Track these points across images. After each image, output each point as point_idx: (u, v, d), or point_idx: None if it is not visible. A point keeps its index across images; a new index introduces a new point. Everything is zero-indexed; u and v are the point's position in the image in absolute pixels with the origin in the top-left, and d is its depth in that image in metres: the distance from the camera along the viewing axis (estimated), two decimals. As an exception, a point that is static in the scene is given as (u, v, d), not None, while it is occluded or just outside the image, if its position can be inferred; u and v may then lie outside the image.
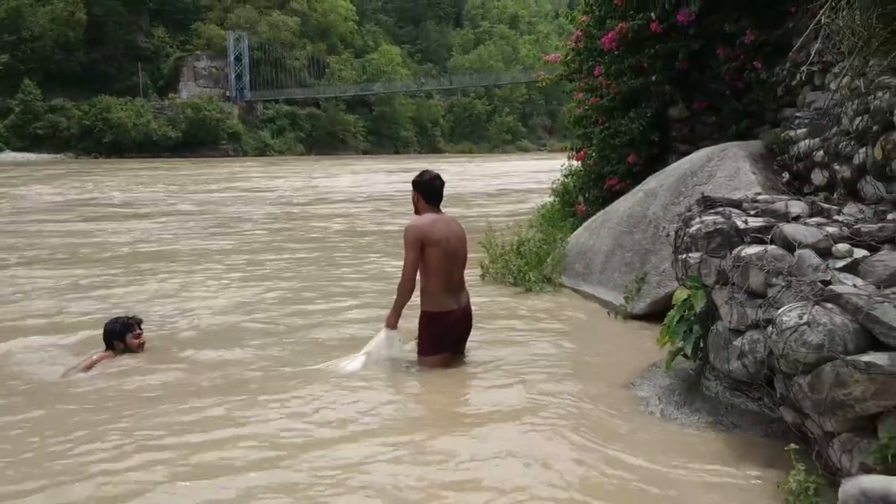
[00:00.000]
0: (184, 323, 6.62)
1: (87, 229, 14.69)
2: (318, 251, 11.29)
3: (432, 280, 4.96)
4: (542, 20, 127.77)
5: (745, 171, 6.20)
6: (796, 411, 3.07)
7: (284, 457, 3.54)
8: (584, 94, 10.49)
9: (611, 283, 6.83)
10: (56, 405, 4.46)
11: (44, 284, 8.46)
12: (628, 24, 8.53)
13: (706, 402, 3.98)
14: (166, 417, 4.10)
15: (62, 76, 78.38)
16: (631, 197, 7.52)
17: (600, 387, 4.50)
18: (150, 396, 4.56)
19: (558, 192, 12.43)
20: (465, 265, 5.26)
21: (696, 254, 4.06)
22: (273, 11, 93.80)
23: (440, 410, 4.29)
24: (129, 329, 5.53)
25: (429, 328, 5.04)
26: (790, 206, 4.07)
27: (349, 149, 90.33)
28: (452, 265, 5.03)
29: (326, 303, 7.33)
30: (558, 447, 3.59)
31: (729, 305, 3.58)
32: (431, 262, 4.93)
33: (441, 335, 5.05)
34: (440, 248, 4.94)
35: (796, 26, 7.22)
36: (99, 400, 4.53)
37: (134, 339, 5.53)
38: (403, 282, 4.96)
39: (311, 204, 21.24)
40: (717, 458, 3.43)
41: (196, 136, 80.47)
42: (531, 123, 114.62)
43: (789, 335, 2.86)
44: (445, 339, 5.08)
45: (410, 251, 4.92)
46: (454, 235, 5.08)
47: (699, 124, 8.61)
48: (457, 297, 5.09)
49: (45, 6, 78.66)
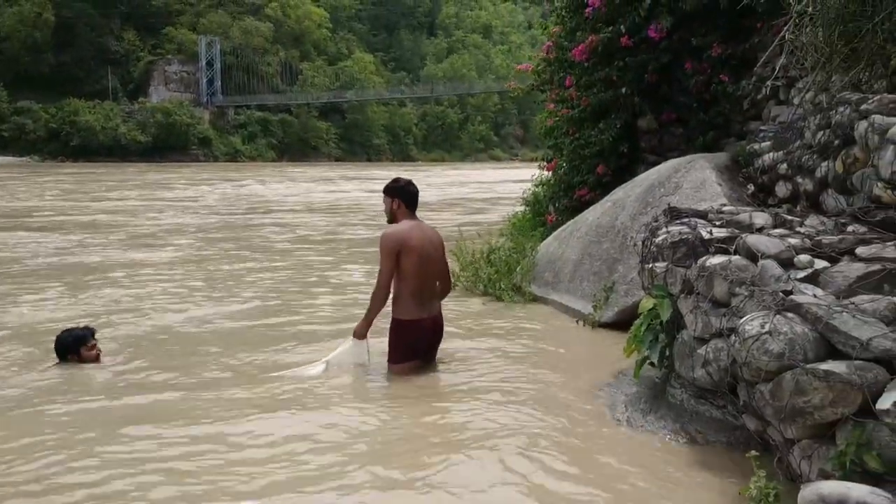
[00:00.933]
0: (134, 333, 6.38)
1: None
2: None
3: (405, 287, 4.94)
4: (516, 31, 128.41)
5: (711, 182, 6.30)
6: (758, 418, 3.12)
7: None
8: (555, 105, 10.58)
9: (579, 291, 6.89)
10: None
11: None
12: (598, 37, 8.63)
13: (671, 410, 4.03)
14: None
15: (30, 78, 77.11)
16: (599, 207, 7.59)
17: (567, 394, 4.54)
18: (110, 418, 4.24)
19: (529, 202, 12.51)
20: (445, 274, 5.27)
21: (662, 263, 4.12)
22: (246, 17, 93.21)
23: (405, 425, 4.22)
24: (82, 341, 5.31)
25: (399, 336, 5.02)
26: (754, 217, 4.14)
27: (321, 156, 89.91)
28: (427, 273, 5.03)
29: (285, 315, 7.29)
30: (521, 456, 3.60)
31: (694, 314, 3.63)
32: (406, 268, 4.91)
33: (411, 344, 5.04)
34: (415, 255, 4.92)
35: (762, 41, 7.38)
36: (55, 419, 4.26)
37: (88, 351, 5.31)
38: (377, 290, 4.91)
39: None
40: (681, 465, 3.47)
41: (166, 141, 79.57)
42: (503, 133, 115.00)
43: (751, 344, 2.91)
44: (416, 348, 5.08)
45: (387, 259, 4.88)
46: (430, 243, 5.09)
47: (667, 136, 8.74)
48: (428, 305, 5.08)
49: (12, 6, 77.44)
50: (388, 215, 5.19)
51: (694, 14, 7.90)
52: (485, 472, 3.42)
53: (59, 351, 5.31)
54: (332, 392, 4.71)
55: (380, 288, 4.91)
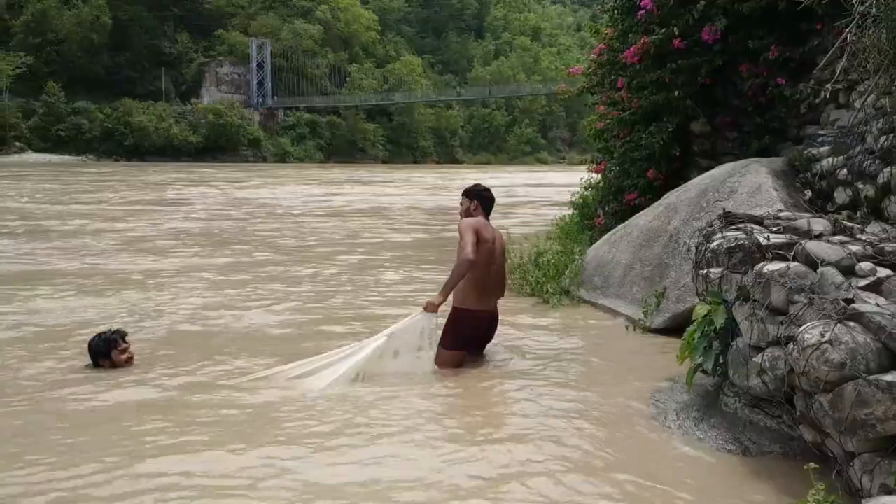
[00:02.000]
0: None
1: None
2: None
3: (471, 276, 5.07)
4: (564, 33, 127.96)
5: (767, 187, 6.18)
6: (816, 430, 3.05)
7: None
8: (605, 108, 10.49)
9: (629, 296, 6.82)
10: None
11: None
12: (651, 39, 8.53)
13: (724, 419, 3.96)
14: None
15: (86, 79, 79.23)
16: (651, 211, 7.50)
17: (618, 400, 4.48)
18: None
19: (577, 205, 12.43)
20: (503, 275, 5.46)
21: (718, 269, 4.05)
22: (296, 19, 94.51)
23: (453, 422, 4.26)
24: (112, 345, 5.15)
25: (457, 324, 5.18)
26: (812, 223, 4.05)
27: (368, 157, 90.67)
28: (491, 267, 5.22)
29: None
30: (567, 461, 3.58)
31: (749, 322, 3.57)
32: (485, 257, 5.12)
33: (467, 334, 5.22)
34: (485, 247, 5.14)
35: (821, 43, 7.21)
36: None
37: (120, 355, 5.14)
38: (462, 259, 4.95)
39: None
40: (735, 475, 3.42)
41: (217, 142, 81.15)
42: (550, 136, 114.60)
43: (811, 353, 2.86)
44: (470, 339, 5.25)
45: (469, 233, 5.04)
46: (498, 241, 5.37)
47: (720, 140, 8.59)
48: (487, 300, 5.26)
49: (71, 10, 79.69)
50: (462, 215, 5.43)
51: (750, 16, 7.76)
52: (533, 475, 3.40)
53: (92, 355, 5.17)
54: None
55: (466, 253, 4.94)
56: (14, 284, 8.43)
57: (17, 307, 7.19)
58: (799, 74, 7.59)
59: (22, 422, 4.13)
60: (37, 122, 74.64)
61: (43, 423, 4.08)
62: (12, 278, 8.96)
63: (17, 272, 9.51)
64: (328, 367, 4.85)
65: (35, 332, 6.23)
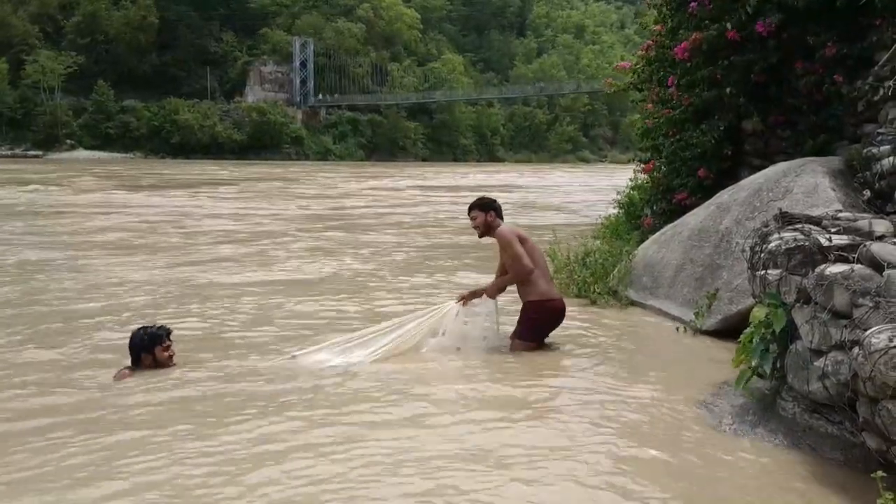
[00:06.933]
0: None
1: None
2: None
3: (535, 271, 5.44)
4: (608, 30, 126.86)
5: (824, 187, 6.04)
6: (881, 437, 2.97)
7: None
8: (654, 105, 10.34)
9: (679, 297, 6.71)
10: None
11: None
12: (703, 35, 8.38)
13: (782, 424, 3.87)
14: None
15: (133, 78, 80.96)
16: (702, 210, 7.38)
17: (671, 403, 4.41)
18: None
19: (623, 205, 12.29)
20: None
21: (776, 271, 3.96)
22: (339, 18, 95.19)
23: (501, 418, 4.23)
24: (157, 341, 4.94)
25: (536, 315, 5.49)
26: (874, 224, 3.94)
27: (409, 156, 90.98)
28: (540, 260, 5.61)
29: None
30: (622, 462, 3.54)
31: (810, 325, 3.48)
32: (531, 255, 5.47)
33: (545, 322, 5.56)
34: (530, 244, 5.54)
35: (880, 40, 7.01)
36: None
37: (164, 352, 4.95)
38: (526, 270, 5.38)
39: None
40: (794, 482, 3.34)
41: (260, 140, 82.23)
42: (592, 134, 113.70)
43: (878, 358, 2.78)
44: (547, 327, 5.59)
45: (515, 245, 5.41)
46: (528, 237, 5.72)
47: (774, 138, 8.39)
48: (552, 285, 5.77)
49: (119, 10, 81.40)
50: (481, 228, 5.65)
51: (806, 11, 7.57)
52: (587, 473, 3.37)
53: (133, 350, 4.96)
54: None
55: (520, 265, 5.37)
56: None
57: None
58: (857, 71, 7.38)
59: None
60: (87, 119, 76.61)
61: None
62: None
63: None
64: (370, 341, 5.31)
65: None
